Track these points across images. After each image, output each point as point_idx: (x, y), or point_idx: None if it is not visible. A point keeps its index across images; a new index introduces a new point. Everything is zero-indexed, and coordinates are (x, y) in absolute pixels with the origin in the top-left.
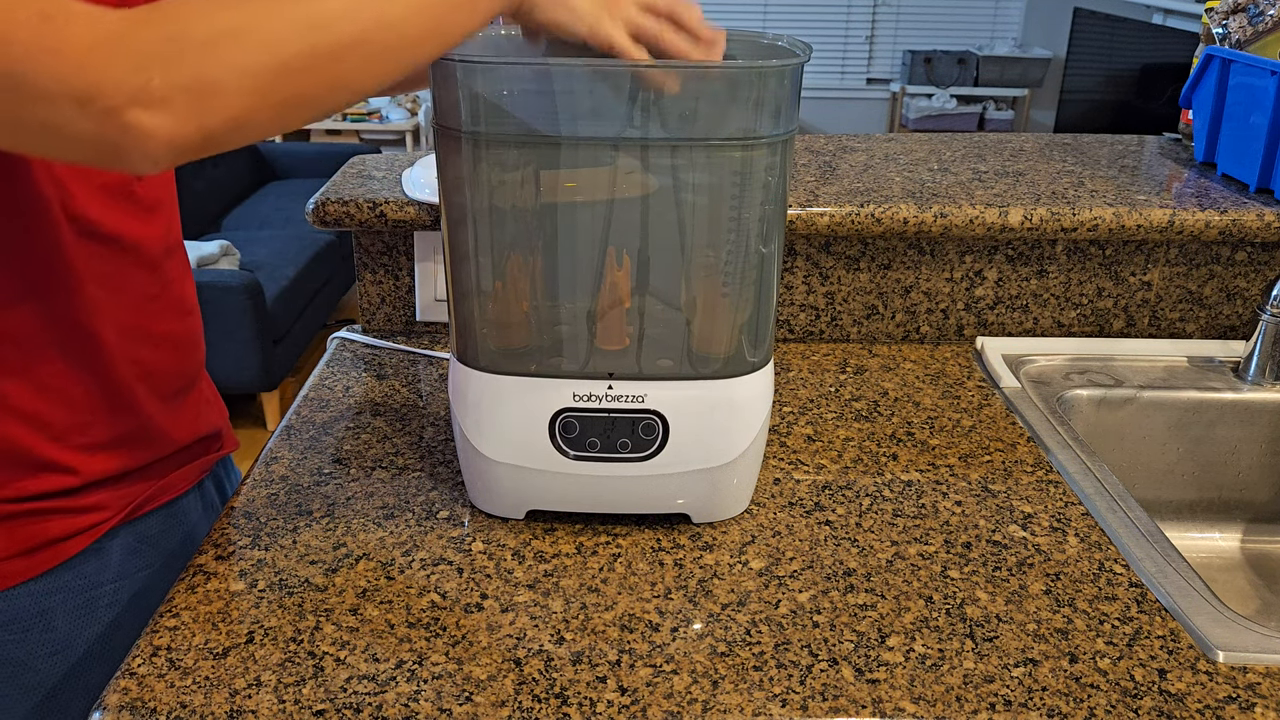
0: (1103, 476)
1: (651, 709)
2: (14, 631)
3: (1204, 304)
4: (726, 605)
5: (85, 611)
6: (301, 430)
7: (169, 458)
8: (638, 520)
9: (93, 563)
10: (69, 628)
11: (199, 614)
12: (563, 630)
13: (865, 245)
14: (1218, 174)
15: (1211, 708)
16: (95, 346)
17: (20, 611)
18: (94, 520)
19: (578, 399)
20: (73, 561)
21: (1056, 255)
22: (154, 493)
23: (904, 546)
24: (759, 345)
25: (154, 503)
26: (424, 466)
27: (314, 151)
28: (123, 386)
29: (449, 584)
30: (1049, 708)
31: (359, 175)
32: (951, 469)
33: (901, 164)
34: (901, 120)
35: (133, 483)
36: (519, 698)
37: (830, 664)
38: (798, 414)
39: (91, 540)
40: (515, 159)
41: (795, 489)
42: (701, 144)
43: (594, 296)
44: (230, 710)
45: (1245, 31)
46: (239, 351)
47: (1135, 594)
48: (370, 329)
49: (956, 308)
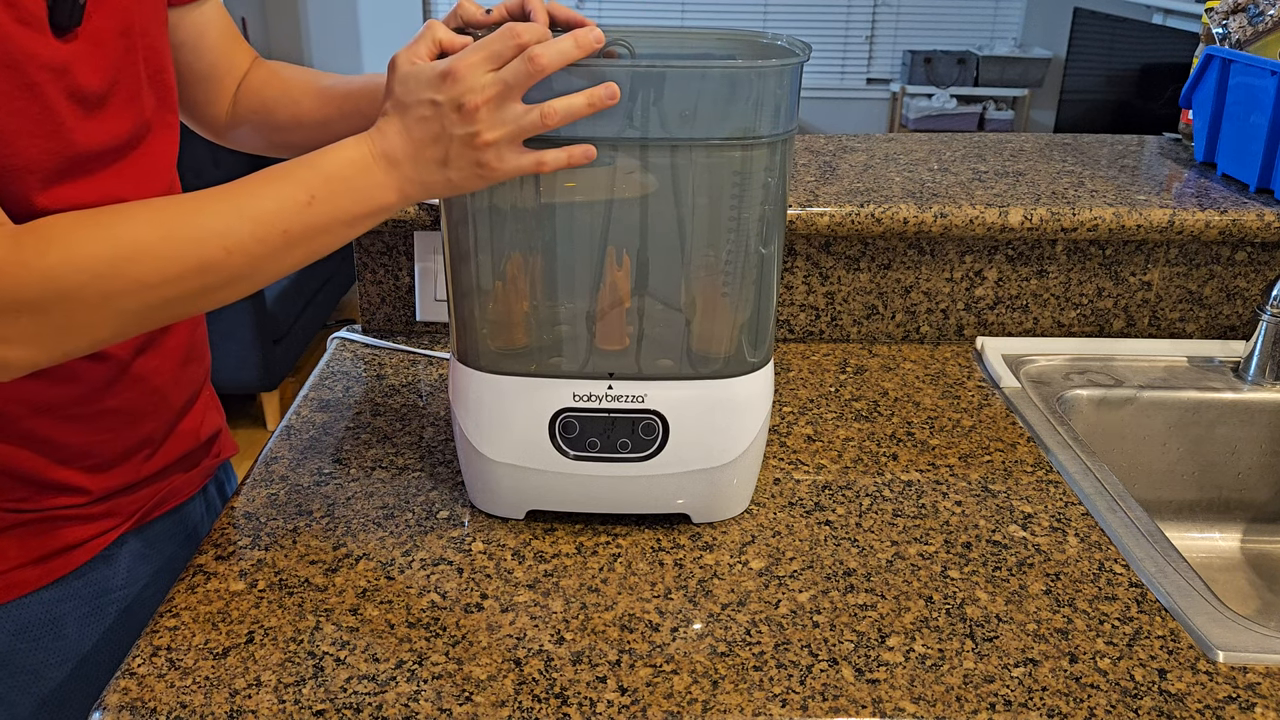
0: (1103, 476)
1: (651, 709)
2: (26, 640)
3: (1204, 304)
4: (726, 605)
5: (95, 617)
6: (301, 430)
7: (176, 463)
8: (638, 520)
9: (101, 569)
10: (79, 634)
11: (199, 614)
12: (563, 630)
13: (865, 245)
14: (1218, 174)
15: (1211, 708)
16: (106, 367)
17: (32, 619)
18: (105, 527)
19: (578, 399)
20: (83, 569)
21: (1056, 255)
22: (163, 497)
23: (904, 546)
24: (759, 345)
25: (162, 508)
26: (424, 466)
27: None
28: (134, 404)
29: (449, 584)
30: (1049, 708)
31: None
32: (951, 469)
33: (901, 164)
34: (901, 120)
35: (141, 489)
36: (519, 698)
37: (830, 664)
38: (798, 414)
39: (103, 547)
40: None
41: (795, 489)
42: (701, 144)
43: (594, 296)
44: (230, 710)
45: (1245, 31)
46: (239, 352)
47: (1135, 594)
48: (370, 329)
49: (956, 308)
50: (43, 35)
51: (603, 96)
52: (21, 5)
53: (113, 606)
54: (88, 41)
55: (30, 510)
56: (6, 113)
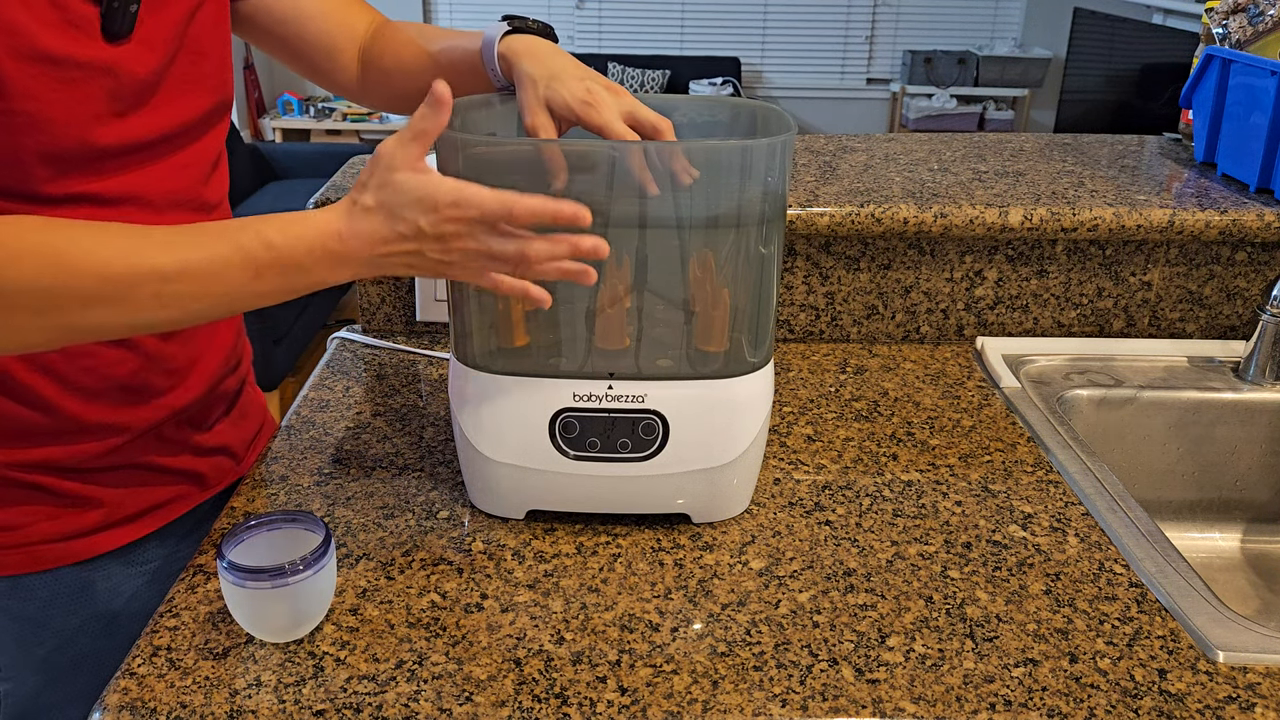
0: (1103, 476)
1: (651, 709)
2: (59, 605)
3: (1204, 304)
4: (726, 605)
5: (125, 579)
6: (301, 430)
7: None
8: (638, 520)
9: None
10: (109, 596)
11: (199, 614)
12: (563, 630)
13: (865, 245)
14: (1218, 174)
15: (1211, 708)
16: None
17: (63, 586)
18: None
19: (578, 399)
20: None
21: (1056, 255)
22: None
23: (904, 546)
24: (759, 345)
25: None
26: (424, 466)
27: (314, 151)
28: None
29: (449, 584)
30: (1049, 708)
31: (359, 175)
32: (951, 469)
33: (901, 164)
34: (901, 120)
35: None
36: (519, 698)
37: (830, 664)
38: (798, 414)
39: (129, 540)
40: (515, 159)
41: (795, 489)
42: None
43: (594, 296)
44: (230, 710)
45: (1245, 31)
46: None
47: (1135, 594)
48: (370, 329)
49: (956, 308)
50: (92, 40)
51: (575, 272)
52: (71, 8)
53: (146, 564)
54: (138, 44)
55: (63, 493)
56: (42, 104)
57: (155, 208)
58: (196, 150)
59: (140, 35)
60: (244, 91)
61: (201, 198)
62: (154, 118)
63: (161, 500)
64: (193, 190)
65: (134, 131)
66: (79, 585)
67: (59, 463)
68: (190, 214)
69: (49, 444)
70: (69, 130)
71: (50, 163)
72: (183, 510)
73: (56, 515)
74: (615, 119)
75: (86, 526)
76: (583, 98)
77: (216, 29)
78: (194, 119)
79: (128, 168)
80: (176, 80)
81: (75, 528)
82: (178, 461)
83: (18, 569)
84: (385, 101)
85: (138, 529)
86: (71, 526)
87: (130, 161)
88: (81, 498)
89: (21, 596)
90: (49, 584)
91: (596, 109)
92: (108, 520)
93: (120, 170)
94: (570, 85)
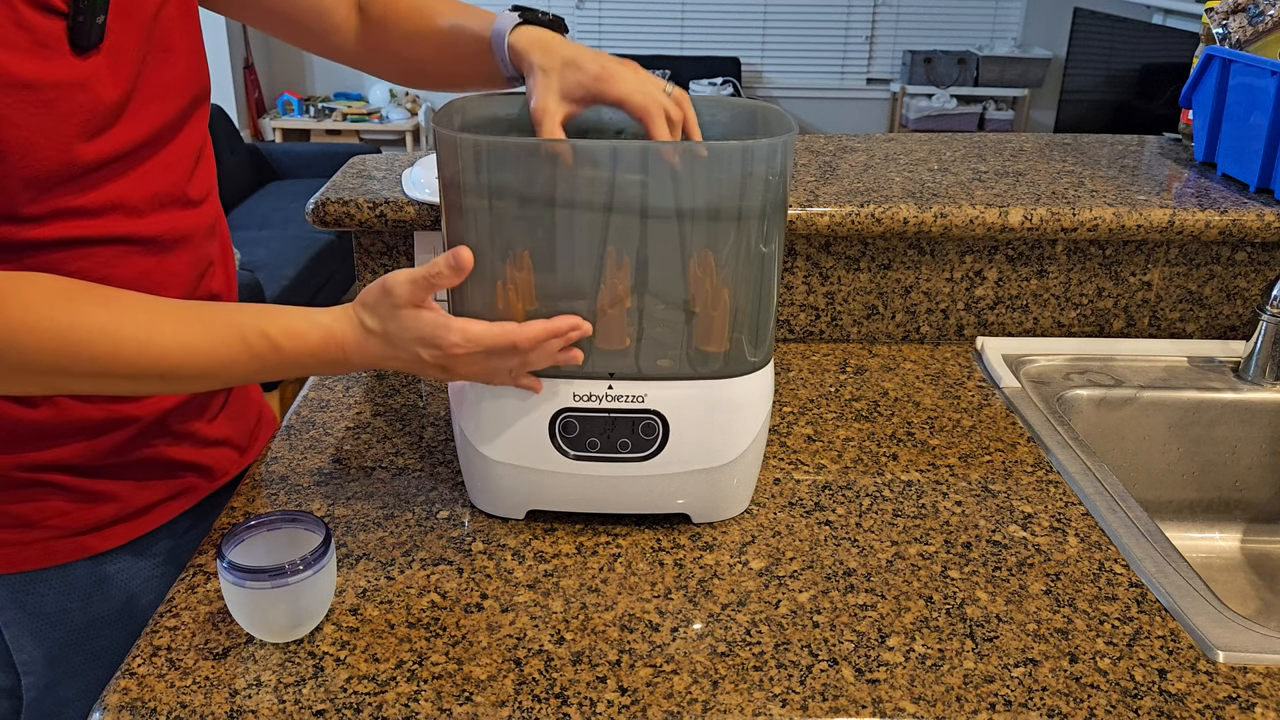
0: (1103, 476)
1: (651, 709)
2: (76, 599)
3: (1204, 304)
4: (726, 605)
5: (139, 568)
6: (301, 430)
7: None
8: (638, 520)
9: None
10: (124, 586)
11: (199, 614)
12: (563, 630)
13: (865, 245)
14: (1218, 174)
15: (1211, 708)
16: None
17: (78, 580)
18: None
19: (578, 399)
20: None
21: (1056, 255)
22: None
23: (904, 546)
24: (759, 345)
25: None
26: (424, 466)
27: (314, 151)
28: None
29: (449, 584)
30: (1049, 708)
31: (359, 175)
32: (951, 469)
33: (901, 164)
34: (901, 120)
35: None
36: (519, 698)
37: (830, 664)
38: (798, 414)
39: (145, 531)
40: (516, 160)
41: (795, 489)
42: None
43: (594, 296)
44: (230, 710)
45: (1245, 31)
46: None
47: (1135, 594)
48: None
49: (956, 308)
50: (62, 57)
51: (564, 360)
52: (39, 29)
53: (157, 556)
54: (108, 55)
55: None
56: (23, 130)
57: (138, 212)
58: (177, 147)
59: (109, 44)
60: (244, 91)
61: (186, 195)
62: (132, 125)
63: (171, 492)
64: (177, 189)
65: (114, 143)
66: (94, 579)
67: (70, 461)
68: (175, 211)
69: (59, 444)
70: (50, 153)
71: (33, 185)
72: (192, 502)
73: (69, 511)
74: (634, 90)
75: (100, 520)
76: (597, 74)
77: (185, 20)
78: (171, 117)
79: (109, 178)
80: (149, 83)
81: (88, 522)
82: (185, 454)
83: (33, 564)
84: (384, 67)
85: (149, 521)
86: (85, 521)
87: (112, 171)
88: (94, 493)
89: (38, 592)
90: (64, 579)
91: (612, 82)
92: (120, 514)
93: (102, 181)
94: (585, 66)
